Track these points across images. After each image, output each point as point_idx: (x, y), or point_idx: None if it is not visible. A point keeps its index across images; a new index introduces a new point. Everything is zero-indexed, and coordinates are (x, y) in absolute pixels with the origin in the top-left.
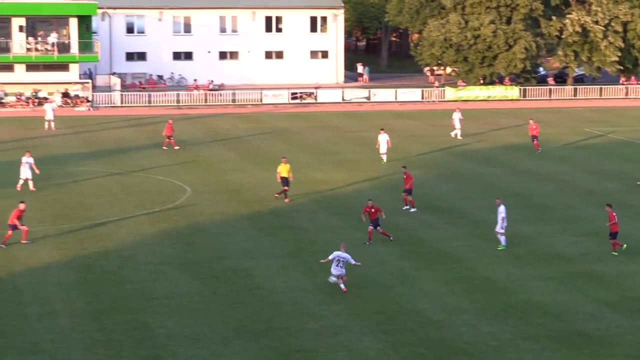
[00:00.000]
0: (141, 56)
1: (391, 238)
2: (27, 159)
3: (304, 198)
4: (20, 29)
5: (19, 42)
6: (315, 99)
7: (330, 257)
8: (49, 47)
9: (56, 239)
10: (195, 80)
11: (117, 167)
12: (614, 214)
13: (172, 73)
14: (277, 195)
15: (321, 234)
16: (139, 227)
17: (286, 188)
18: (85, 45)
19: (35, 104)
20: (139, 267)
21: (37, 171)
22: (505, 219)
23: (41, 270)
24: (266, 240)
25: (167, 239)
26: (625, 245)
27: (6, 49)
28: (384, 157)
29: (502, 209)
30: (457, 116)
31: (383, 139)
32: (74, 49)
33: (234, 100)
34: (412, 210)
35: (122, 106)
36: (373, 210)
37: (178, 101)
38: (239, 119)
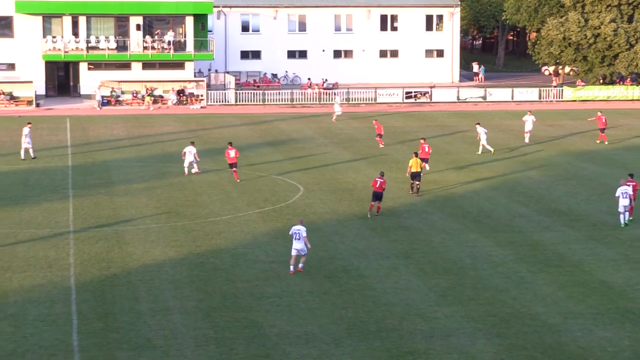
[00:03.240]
0: (256, 54)
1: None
2: (190, 149)
3: (418, 198)
4: (138, 27)
5: (136, 40)
6: (430, 99)
7: (290, 233)
8: (165, 46)
9: (170, 237)
10: (309, 79)
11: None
12: None
13: (287, 72)
14: (412, 192)
15: (434, 234)
16: (252, 225)
17: (417, 183)
18: (201, 43)
19: (151, 101)
20: (251, 265)
21: (197, 159)
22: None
23: (155, 267)
24: (378, 241)
25: (279, 238)
26: None
27: (124, 47)
28: (484, 148)
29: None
30: (529, 119)
31: (482, 132)
32: (190, 47)
33: (347, 99)
34: None
35: (236, 104)
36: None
37: (292, 100)
38: (353, 118)
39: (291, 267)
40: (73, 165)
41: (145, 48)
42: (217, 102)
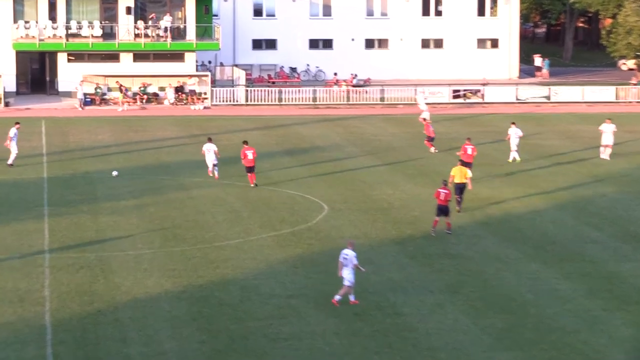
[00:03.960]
0: (271, 44)
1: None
2: (209, 146)
3: (467, 219)
4: (128, 10)
5: (125, 26)
6: (482, 98)
7: (339, 259)
8: (161, 33)
9: (166, 265)
10: (335, 74)
11: (239, 178)
12: None
13: (308, 65)
14: (457, 209)
15: (487, 263)
16: (265, 252)
17: (457, 198)
18: (204, 30)
19: (144, 101)
20: (264, 301)
21: (218, 155)
22: None
23: (148, 301)
24: (419, 271)
25: (298, 267)
26: None
27: (111, 34)
28: (516, 155)
29: None
30: (609, 129)
31: (514, 134)
32: (191, 35)
33: (382, 99)
34: None
35: (246, 104)
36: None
37: (314, 99)
38: (388, 122)
39: (336, 297)
40: (49, 177)
41: (137, 36)
42: (223, 101)
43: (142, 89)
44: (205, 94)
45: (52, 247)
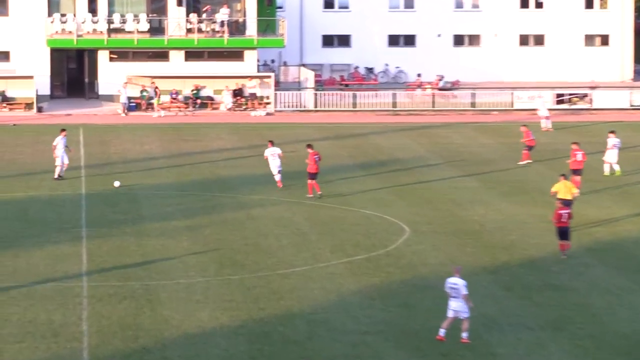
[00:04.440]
0: (343, 41)
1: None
2: (273, 150)
3: (572, 243)
4: (179, 2)
5: (176, 20)
6: (590, 104)
7: (445, 289)
8: (217, 28)
9: (222, 295)
10: (418, 75)
11: (305, 195)
12: None
13: (387, 65)
14: None
15: (596, 296)
16: (337, 281)
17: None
18: (267, 25)
19: (197, 105)
20: (336, 337)
21: (281, 157)
22: None
23: (201, 337)
24: (516, 305)
25: (375, 299)
26: None
27: (159, 29)
28: (612, 167)
29: None
30: None
31: (614, 144)
32: (251, 30)
33: (473, 104)
34: None
35: (315, 110)
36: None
37: (394, 104)
38: (480, 131)
39: (441, 331)
40: (88, 193)
41: (189, 31)
42: (288, 106)
43: (194, 92)
44: (267, 98)
45: (90, 274)
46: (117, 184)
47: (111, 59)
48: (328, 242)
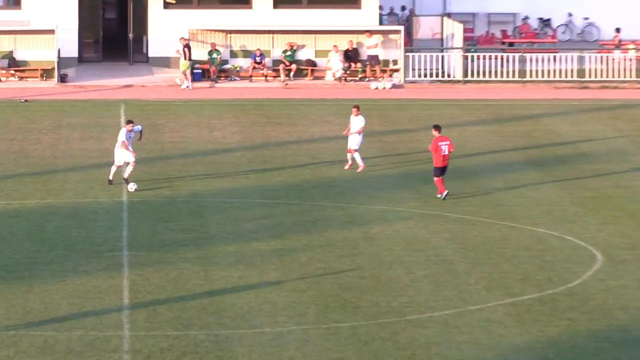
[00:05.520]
0: None
1: None
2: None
3: None
4: None
5: None
6: None
7: None
8: None
9: (326, 351)
10: (617, 30)
11: (448, 205)
12: None
13: (570, 15)
14: None
15: None
16: (495, 331)
17: None
18: None
19: (292, 73)
20: None
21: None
22: None
23: None
24: None
25: (551, 358)
26: None
27: None
28: None
29: None
30: None
31: None
32: None
33: None
34: None
35: (464, 81)
36: None
37: (581, 73)
38: None
39: None
40: (131, 202)
41: None
42: (424, 76)
43: (287, 53)
44: (394, 63)
45: (134, 319)
46: (133, 187)
47: (166, 5)
48: (481, 274)
